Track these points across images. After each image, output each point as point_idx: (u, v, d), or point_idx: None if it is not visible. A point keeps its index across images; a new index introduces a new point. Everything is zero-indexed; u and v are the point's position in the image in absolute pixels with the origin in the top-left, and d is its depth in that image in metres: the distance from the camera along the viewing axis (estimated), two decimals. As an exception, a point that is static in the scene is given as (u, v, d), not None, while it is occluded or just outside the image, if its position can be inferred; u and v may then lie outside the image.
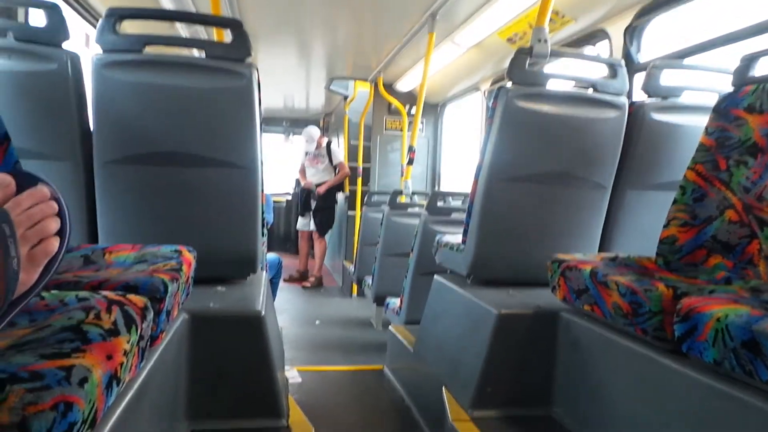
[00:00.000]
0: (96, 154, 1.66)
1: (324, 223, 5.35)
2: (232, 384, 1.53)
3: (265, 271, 2.33)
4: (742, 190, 1.50)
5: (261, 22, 3.72)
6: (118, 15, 1.65)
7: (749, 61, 1.57)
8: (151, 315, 0.98)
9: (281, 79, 5.70)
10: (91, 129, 1.66)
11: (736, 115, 1.55)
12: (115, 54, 1.63)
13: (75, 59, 1.63)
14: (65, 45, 1.64)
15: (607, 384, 1.42)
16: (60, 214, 0.73)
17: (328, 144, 5.41)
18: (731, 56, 1.65)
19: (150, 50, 1.67)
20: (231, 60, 1.69)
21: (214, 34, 2.49)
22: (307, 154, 5.42)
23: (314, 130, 5.37)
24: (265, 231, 3.56)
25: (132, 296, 0.96)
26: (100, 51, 1.63)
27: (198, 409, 1.47)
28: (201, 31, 3.57)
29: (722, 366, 1.01)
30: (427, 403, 2.02)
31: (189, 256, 1.39)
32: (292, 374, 2.56)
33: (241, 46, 1.71)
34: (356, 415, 2.19)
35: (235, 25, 1.73)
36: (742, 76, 1.58)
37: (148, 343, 0.99)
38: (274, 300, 3.56)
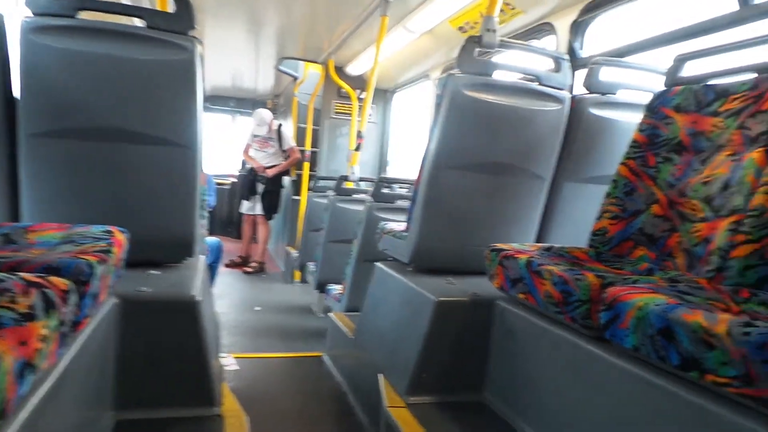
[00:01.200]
0: (21, 125, 1.53)
1: (271, 207, 5.23)
2: (163, 371, 1.46)
3: (203, 255, 2.25)
4: (667, 185, 1.58)
5: None
6: None
7: (680, 62, 1.65)
8: (74, 299, 0.91)
9: (229, 55, 5.50)
10: (17, 98, 1.53)
11: (666, 113, 1.62)
12: (46, 18, 1.50)
13: None
14: None
15: (538, 370, 1.46)
16: None
17: (279, 127, 5.28)
18: (667, 57, 1.72)
19: (86, 16, 1.55)
20: (173, 32, 1.60)
21: (157, 2, 2.35)
22: (255, 136, 5.27)
23: (266, 113, 5.22)
24: (206, 214, 3.44)
25: (54, 278, 0.89)
26: (30, 14, 1.50)
27: (126, 398, 1.41)
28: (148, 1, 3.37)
29: (640, 351, 1.06)
30: (365, 390, 2.02)
31: (121, 237, 1.32)
32: (228, 361, 2.50)
33: (184, 17, 1.62)
34: (293, 402, 2.17)
35: None
36: (673, 76, 1.66)
37: (71, 328, 0.93)
38: (213, 285, 3.46)
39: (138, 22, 1.65)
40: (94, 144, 1.59)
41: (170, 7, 1.78)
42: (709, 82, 1.56)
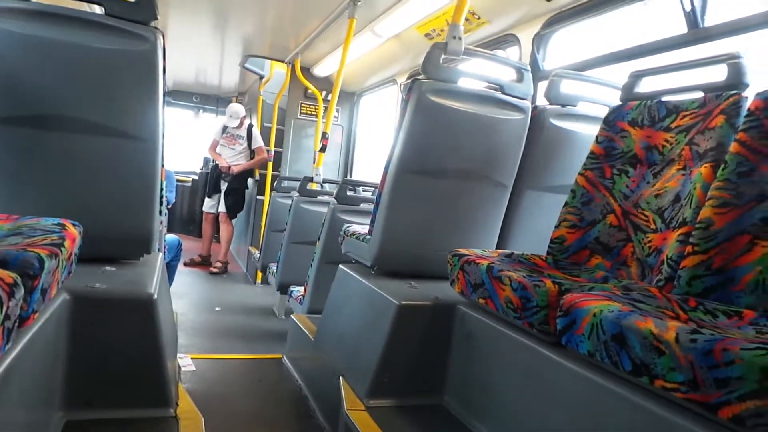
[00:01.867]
0: None
1: (235, 206, 5.14)
2: (117, 371, 1.42)
3: (161, 253, 2.18)
4: (622, 197, 1.64)
5: None
6: None
7: (635, 78, 1.72)
8: (20, 293, 0.87)
9: (193, 50, 5.37)
10: None
11: (622, 127, 1.69)
12: (1, 0, 1.43)
13: None
14: None
15: (496, 374, 1.49)
16: None
17: (250, 126, 5.21)
18: (624, 72, 1.79)
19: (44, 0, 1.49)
20: (134, 21, 1.55)
21: None
22: (225, 131, 5.16)
23: (240, 108, 5.13)
24: (165, 210, 3.35)
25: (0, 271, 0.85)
26: None
27: (76, 398, 1.35)
28: None
29: (594, 357, 1.09)
30: (325, 393, 2.01)
31: (73, 230, 1.27)
32: (185, 362, 2.44)
33: (146, 7, 1.57)
34: (251, 404, 2.14)
35: None
36: (629, 91, 1.72)
37: (16, 324, 0.89)
38: (171, 284, 3.37)
39: (98, 10, 1.59)
40: (47, 133, 1.52)
41: None
42: (662, 99, 1.63)
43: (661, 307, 1.14)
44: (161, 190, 1.73)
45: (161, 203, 1.77)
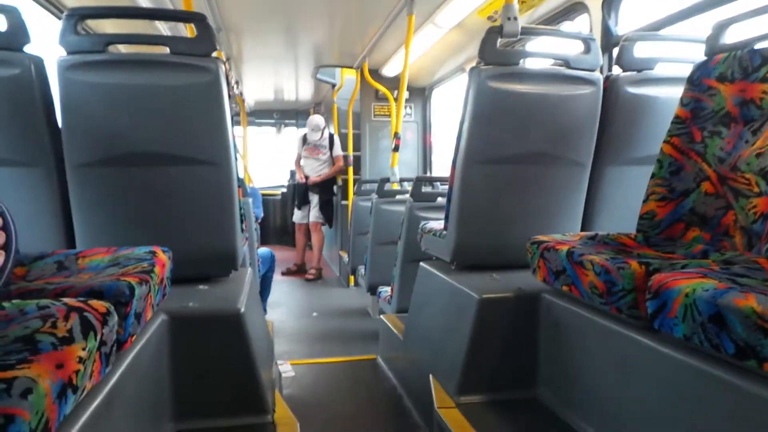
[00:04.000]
0: (67, 157, 1.64)
1: (332, 215, 5.37)
2: (215, 383, 1.52)
3: (253, 268, 2.32)
4: (717, 161, 1.48)
5: (243, 15, 3.67)
6: (78, 15, 1.62)
7: (720, 29, 1.54)
8: (114, 320, 0.97)
9: (269, 70, 5.65)
10: (61, 133, 1.64)
11: (709, 84, 1.52)
12: (79, 55, 1.60)
13: (38, 62, 1.60)
14: (28, 48, 1.61)
15: (588, 364, 1.41)
16: (5, 228, 0.73)
17: (331, 136, 5.39)
18: (707, 25, 1.62)
19: (122, 48, 1.65)
20: (196, 55, 1.66)
21: (187, 29, 2.45)
22: (306, 144, 5.37)
23: (320, 119, 5.34)
24: (256, 226, 3.54)
25: (94, 302, 0.95)
26: (64, 53, 1.61)
27: (184, 409, 1.47)
28: (181, 28, 3.52)
29: (692, 341, 1.00)
30: (417, 391, 2.02)
31: (163, 256, 1.38)
32: (285, 368, 2.57)
33: (205, 41, 1.67)
34: (347, 406, 2.20)
35: (197, 18, 1.70)
36: (714, 44, 1.55)
37: (114, 348, 0.98)
38: (269, 295, 3.56)
39: (163, 50, 1.72)
40: (134, 169, 1.68)
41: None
42: (755, 47, 1.45)
43: (768, 281, 1.02)
44: (240, 208, 1.84)
45: (242, 221, 1.88)
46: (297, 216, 5.47)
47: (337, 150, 5.36)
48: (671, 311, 1.04)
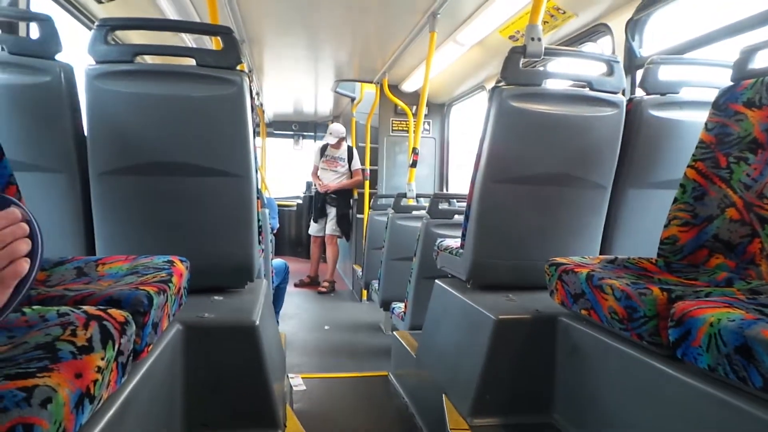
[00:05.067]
0: (91, 165, 1.66)
1: (349, 229, 5.40)
2: (228, 394, 1.52)
3: (267, 279, 2.32)
4: (742, 187, 1.45)
5: (267, 28, 3.73)
6: (109, 26, 1.65)
7: (748, 53, 1.52)
8: (132, 329, 0.97)
9: (290, 83, 5.72)
10: (86, 140, 1.67)
11: (736, 110, 1.50)
12: (107, 65, 1.64)
13: (68, 71, 1.64)
14: (60, 57, 1.65)
15: (606, 390, 1.38)
16: (31, 236, 0.73)
17: (350, 149, 5.42)
18: (734, 49, 1.60)
19: (149, 59, 1.67)
20: (221, 68, 1.69)
21: (212, 41, 2.49)
22: (324, 155, 5.40)
23: (340, 126, 5.37)
24: (272, 237, 3.55)
25: (113, 311, 0.96)
26: (93, 62, 1.65)
27: (194, 420, 1.47)
28: (206, 39, 3.58)
29: (716, 372, 0.97)
30: (430, 410, 1.99)
31: (181, 266, 1.39)
32: (296, 382, 2.55)
33: (230, 53, 1.70)
34: (358, 423, 2.18)
35: (224, 31, 1.73)
36: (741, 69, 1.53)
37: (130, 358, 0.99)
38: (281, 306, 3.56)
39: (190, 62, 1.75)
40: (156, 178, 1.70)
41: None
42: (783, 73, 1.43)
43: (797, 313, 0.99)
44: (258, 220, 1.85)
45: (260, 232, 1.89)
46: (313, 229, 5.49)
47: (356, 163, 5.38)
48: (695, 340, 1.01)
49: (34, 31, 1.65)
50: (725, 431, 0.99)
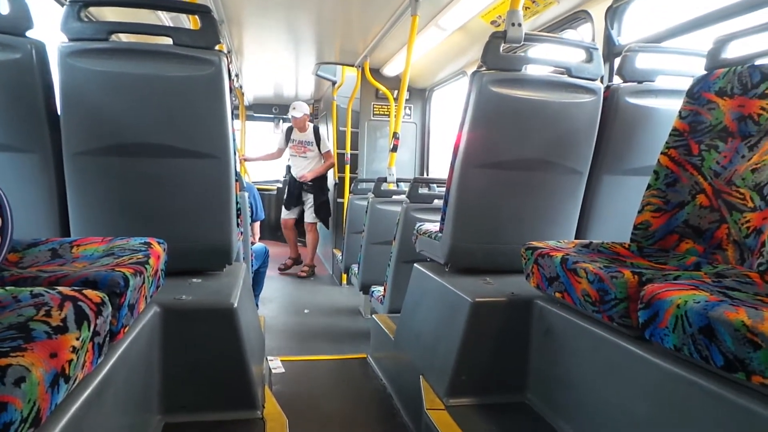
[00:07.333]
0: (65, 145, 1.62)
1: (327, 215, 5.34)
2: (205, 376, 1.52)
3: (246, 262, 2.31)
4: (712, 174, 1.50)
5: (246, 8, 3.65)
6: (82, 2, 1.61)
7: (722, 43, 1.56)
8: (108, 310, 0.97)
9: (269, 66, 5.62)
10: (60, 120, 1.63)
11: (708, 98, 1.54)
12: (80, 42, 1.59)
13: (40, 48, 1.58)
14: (30, 33, 1.60)
15: (579, 371, 1.42)
16: (1, 215, 0.72)
17: (316, 129, 5.25)
18: (709, 39, 1.63)
19: (124, 38, 1.63)
20: (199, 48, 1.66)
21: (190, 20, 2.44)
22: (290, 139, 5.30)
23: (303, 103, 5.20)
24: (249, 221, 3.52)
25: (89, 291, 0.95)
26: (66, 39, 1.60)
27: (172, 402, 1.47)
28: (184, 18, 3.49)
29: (682, 352, 1.01)
30: (407, 392, 2.03)
31: (158, 248, 1.38)
32: (275, 364, 2.57)
33: (208, 33, 1.67)
34: (336, 404, 2.20)
35: (202, 10, 1.69)
36: (714, 59, 1.57)
37: (107, 339, 0.98)
38: (261, 290, 3.56)
39: (166, 41, 1.72)
40: (132, 159, 1.67)
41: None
42: (755, 63, 1.47)
43: (759, 295, 1.03)
44: (236, 203, 1.83)
45: (239, 215, 1.87)
46: (284, 213, 5.43)
47: (327, 146, 5.22)
48: (662, 321, 1.05)
49: (4, 7, 1.59)
50: (688, 408, 1.04)
